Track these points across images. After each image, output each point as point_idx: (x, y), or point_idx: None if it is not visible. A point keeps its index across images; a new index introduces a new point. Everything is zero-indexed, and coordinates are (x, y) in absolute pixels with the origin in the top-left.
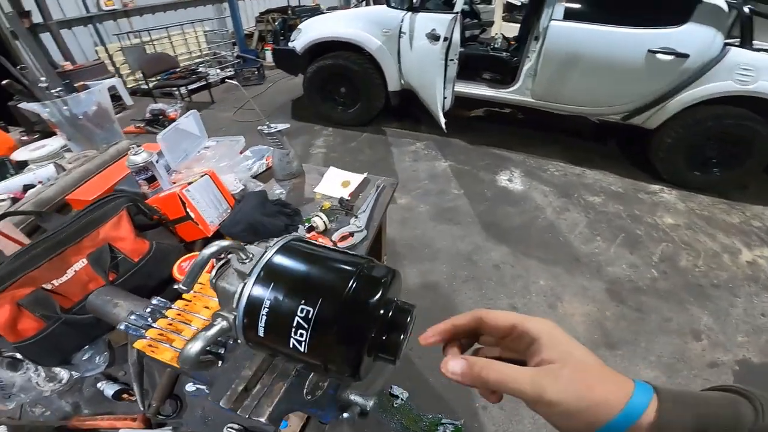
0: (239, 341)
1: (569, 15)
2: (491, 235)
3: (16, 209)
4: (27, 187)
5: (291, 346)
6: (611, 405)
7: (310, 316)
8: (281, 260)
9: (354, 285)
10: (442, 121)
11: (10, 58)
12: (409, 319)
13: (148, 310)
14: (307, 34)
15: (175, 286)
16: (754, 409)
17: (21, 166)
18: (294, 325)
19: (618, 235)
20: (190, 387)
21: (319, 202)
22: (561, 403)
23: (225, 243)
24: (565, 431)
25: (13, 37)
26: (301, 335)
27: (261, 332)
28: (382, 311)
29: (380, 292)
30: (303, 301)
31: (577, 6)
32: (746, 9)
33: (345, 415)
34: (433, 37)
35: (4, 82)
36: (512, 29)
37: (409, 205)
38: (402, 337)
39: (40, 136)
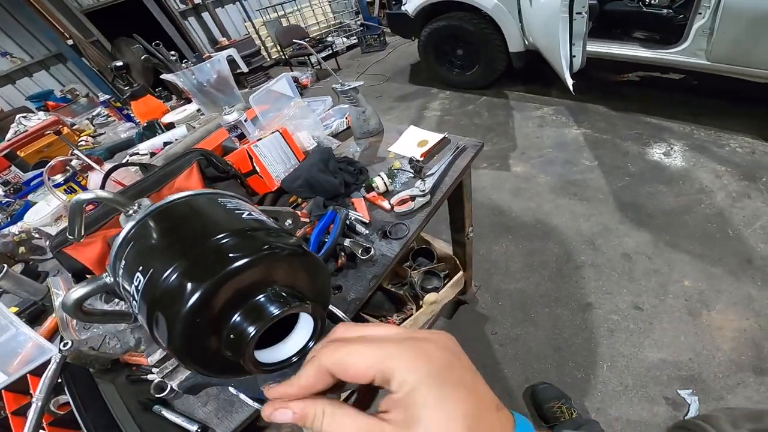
0: None
1: None
2: (628, 218)
3: (146, 161)
4: (166, 144)
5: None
6: None
7: (139, 287)
8: (161, 217)
9: (203, 248)
10: (569, 81)
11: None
12: (272, 312)
13: None
14: None
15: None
16: None
17: (169, 127)
18: (132, 294)
19: None
20: None
21: (391, 161)
22: None
23: (102, 193)
24: None
25: (183, 17)
26: (136, 306)
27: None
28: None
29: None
30: (140, 267)
31: None
32: None
33: None
34: None
35: (142, 57)
36: None
37: (526, 174)
38: (249, 329)
39: (184, 102)
